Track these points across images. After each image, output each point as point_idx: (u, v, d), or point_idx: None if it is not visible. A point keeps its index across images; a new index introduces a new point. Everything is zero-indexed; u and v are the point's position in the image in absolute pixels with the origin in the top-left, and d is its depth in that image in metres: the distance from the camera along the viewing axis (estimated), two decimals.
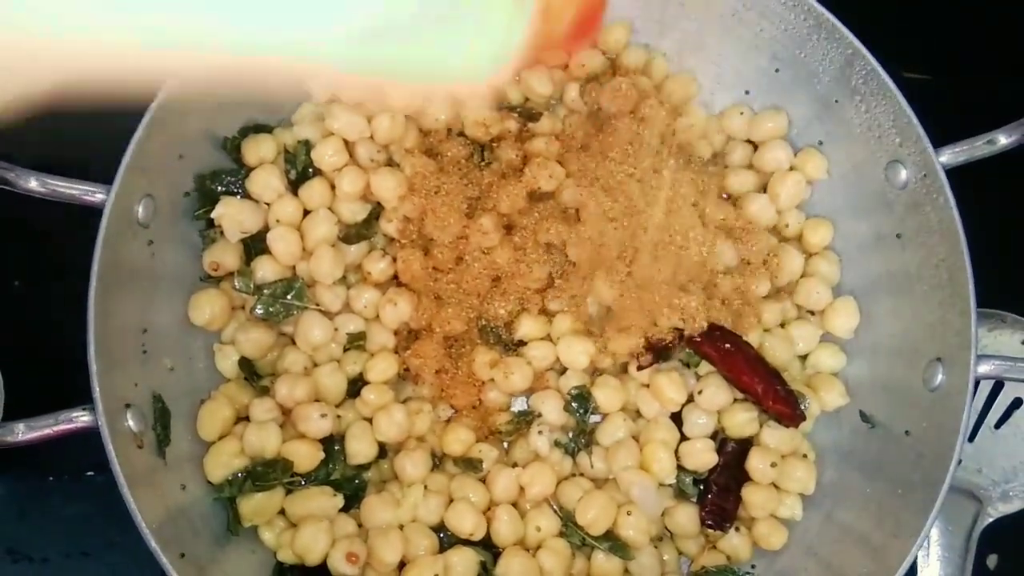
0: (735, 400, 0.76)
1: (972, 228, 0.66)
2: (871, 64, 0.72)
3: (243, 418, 0.74)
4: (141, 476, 0.63)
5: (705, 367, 0.78)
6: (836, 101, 0.78)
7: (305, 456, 0.71)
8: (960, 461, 0.63)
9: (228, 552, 0.69)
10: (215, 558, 0.67)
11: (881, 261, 0.77)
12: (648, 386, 0.76)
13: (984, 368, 0.64)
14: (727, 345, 0.74)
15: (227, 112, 0.76)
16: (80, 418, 0.61)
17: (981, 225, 0.67)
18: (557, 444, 0.76)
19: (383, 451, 0.75)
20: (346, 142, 0.77)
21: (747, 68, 0.84)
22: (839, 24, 0.74)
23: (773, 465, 0.73)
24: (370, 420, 0.74)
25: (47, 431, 0.61)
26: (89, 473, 0.74)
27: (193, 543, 0.66)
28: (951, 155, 0.68)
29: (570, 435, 0.77)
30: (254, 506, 0.70)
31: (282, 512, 0.72)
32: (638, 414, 0.78)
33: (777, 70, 0.82)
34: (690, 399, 0.76)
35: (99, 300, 0.63)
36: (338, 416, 0.74)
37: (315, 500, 0.71)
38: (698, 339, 0.74)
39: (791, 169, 0.81)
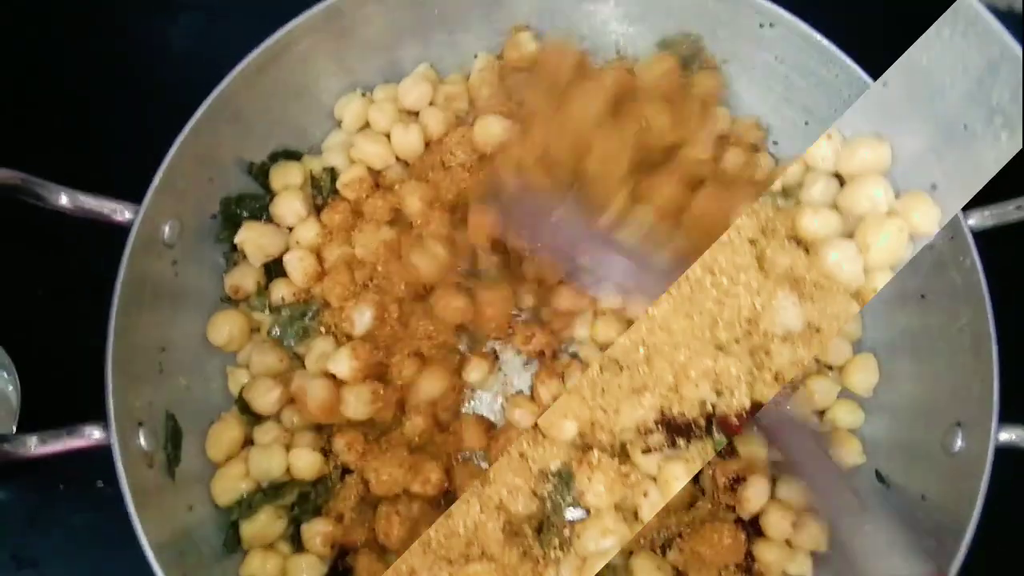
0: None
1: (1000, 292, 0.63)
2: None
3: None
4: (149, 495, 0.62)
5: None
6: (964, 127, 0.63)
7: (307, 463, 0.69)
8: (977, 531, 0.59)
9: (225, 567, 0.68)
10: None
11: (904, 320, 0.73)
12: (655, 479, 0.62)
13: (1006, 436, 0.61)
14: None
15: (257, 137, 0.76)
16: (92, 435, 0.60)
17: (1010, 289, 0.64)
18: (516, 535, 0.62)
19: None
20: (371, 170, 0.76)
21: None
22: (985, 12, 0.58)
23: (794, 525, 0.65)
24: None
25: (59, 446, 0.60)
26: (99, 483, 0.73)
27: (195, 564, 0.65)
28: (979, 218, 0.65)
29: (534, 530, 0.63)
30: (255, 530, 0.68)
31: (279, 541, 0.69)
32: (635, 517, 0.63)
33: (885, 84, 0.68)
34: None
35: (120, 317, 0.63)
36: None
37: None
38: (735, 422, 0.60)
39: (889, 215, 0.66)
